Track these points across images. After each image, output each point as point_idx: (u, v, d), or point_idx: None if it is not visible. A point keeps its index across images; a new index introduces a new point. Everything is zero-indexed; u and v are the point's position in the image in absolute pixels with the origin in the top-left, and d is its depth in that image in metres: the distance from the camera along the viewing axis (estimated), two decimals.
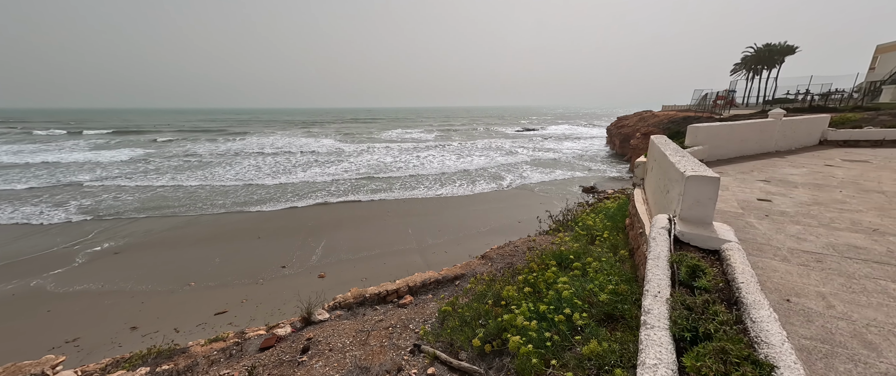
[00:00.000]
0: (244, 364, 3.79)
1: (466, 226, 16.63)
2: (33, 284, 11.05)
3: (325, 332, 4.31)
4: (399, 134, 67.39)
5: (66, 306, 9.94)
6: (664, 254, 2.88)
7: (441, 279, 5.84)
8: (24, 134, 62.67)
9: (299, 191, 23.93)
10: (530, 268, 4.58)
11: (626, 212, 6.72)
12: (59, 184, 25.50)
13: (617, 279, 3.90)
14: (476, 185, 24.91)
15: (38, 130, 67.68)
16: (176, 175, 28.67)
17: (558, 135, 64.01)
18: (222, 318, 9.39)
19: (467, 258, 11.21)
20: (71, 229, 16.73)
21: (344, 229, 16.15)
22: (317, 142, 53.64)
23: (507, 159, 35.47)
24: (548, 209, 9.34)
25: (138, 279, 11.42)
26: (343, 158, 36.30)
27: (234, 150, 43.50)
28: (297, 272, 12.06)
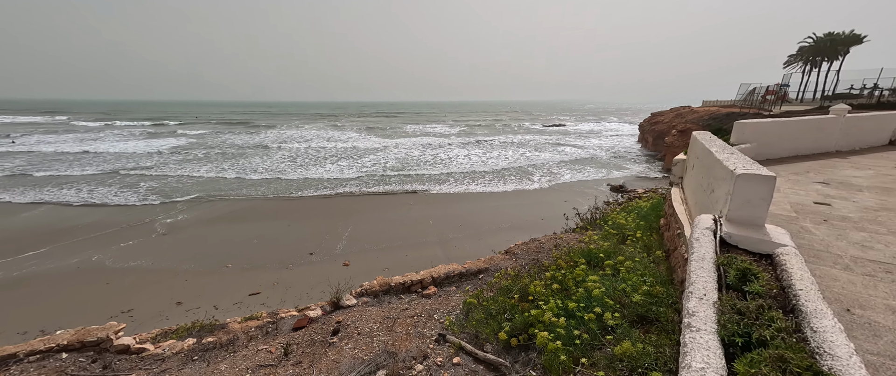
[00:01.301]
0: (280, 341, 4.02)
1: (487, 221, 16.54)
2: (94, 259, 12.26)
3: (354, 317, 4.46)
4: (421, 128, 67.76)
5: (121, 280, 10.96)
6: (709, 256, 2.71)
7: (464, 272, 5.86)
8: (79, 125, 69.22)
9: (327, 182, 24.77)
10: (558, 266, 4.48)
11: (660, 212, 6.39)
12: (113, 171, 27.99)
13: (652, 280, 3.73)
14: (498, 181, 24.66)
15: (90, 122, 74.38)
16: (216, 164, 30.58)
17: (585, 131, 61.78)
18: (256, 299, 9.98)
19: (488, 253, 11.16)
20: (124, 212, 18.34)
21: (368, 220, 16.58)
22: (343, 134, 55.15)
23: (531, 155, 34.75)
24: (574, 207, 9.07)
25: (182, 259, 12.35)
26: (368, 151, 37.06)
27: (267, 141, 45.67)
28: (323, 259, 12.55)
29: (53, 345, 3.95)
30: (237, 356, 3.81)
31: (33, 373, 3.53)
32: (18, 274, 11.22)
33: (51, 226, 15.58)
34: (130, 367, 3.73)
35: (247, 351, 3.92)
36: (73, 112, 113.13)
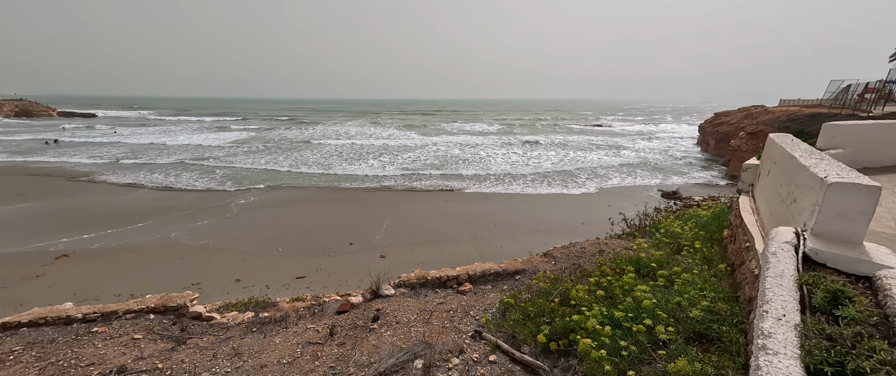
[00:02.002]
0: (325, 322, 4.31)
1: (523, 222, 16.19)
2: (172, 236, 14.07)
3: (392, 306, 4.64)
4: (460, 126, 67.85)
5: (192, 256, 12.46)
6: (789, 274, 2.39)
7: (501, 271, 5.79)
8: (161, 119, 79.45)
9: (368, 177, 25.88)
10: (602, 272, 4.25)
11: (723, 222, 5.76)
12: (192, 159, 31.81)
13: (713, 296, 3.39)
14: (539, 182, 23.94)
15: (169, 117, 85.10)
16: (273, 156, 33.45)
17: (635, 132, 57.49)
18: (301, 282, 10.78)
19: (524, 254, 10.91)
20: (194, 197, 20.75)
21: (404, 215, 17.07)
22: (384, 131, 57.19)
23: (574, 156, 33.21)
24: (621, 212, 8.52)
25: (242, 241, 13.71)
26: (407, 148, 38.01)
27: (314, 137, 48.88)
28: (361, 249, 13.18)
29: (143, 307, 4.64)
30: (288, 332, 4.16)
31: (129, 329, 4.18)
32: (115, 245, 13.25)
33: (142, 206, 18.18)
34: (202, 332, 4.25)
35: (297, 328, 4.26)
36: (155, 108, 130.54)
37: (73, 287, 10.11)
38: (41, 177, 23.85)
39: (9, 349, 3.77)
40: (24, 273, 10.89)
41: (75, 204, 18.48)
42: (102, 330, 4.16)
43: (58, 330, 4.18)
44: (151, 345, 3.86)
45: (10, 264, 11.47)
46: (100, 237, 13.90)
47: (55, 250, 12.59)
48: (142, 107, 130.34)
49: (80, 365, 3.48)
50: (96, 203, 18.77)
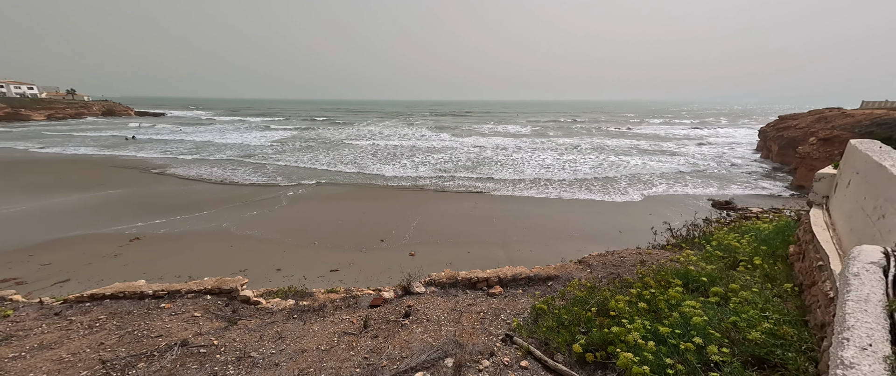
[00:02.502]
0: (359, 314, 4.49)
1: (555, 227, 15.68)
2: (224, 225, 15.39)
3: (423, 304, 4.72)
4: (492, 128, 67.22)
5: (240, 244, 13.54)
6: (876, 298, 2.10)
7: (532, 276, 5.65)
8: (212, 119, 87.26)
9: (401, 176, 26.50)
10: (644, 283, 3.99)
11: (789, 236, 5.17)
12: (244, 156, 34.65)
13: (777, 317, 3.05)
14: (574, 187, 23.04)
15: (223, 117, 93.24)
16: (314, 154, 35.47)
17: (682, 136, 53.32)
18: (335, 275, 11.29)
19: (555, 259, 10.56)
20: (243, 191, 22.49)
21: (434, 214, 17.25)
22: (417, 132, 58.26)
23: (614, 160, 31.51)
24: (666, 221, 7.94)
25: (283, 233, 14.66)
26: (440, 150, 38.38)
27: (351, 136, 51.04)
28: (392, 247, 13.52)
29: (202, 288, 5.15)
30: (326, 321, 4.39)
31: (190, 307, 4.66)
32: (178, 231, 14.77)
33: (201, 196, 20.13)
34: (250, 314, 4.62)
35: (333, 318, 4.48)
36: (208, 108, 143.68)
37: (143, 266, 11.44)
38: (123, 169, 27.31)
39: (95, 317, 4.37)
40: (105, 252, 12.51)
41: (149, 193, 20.89)
42: (168, 306, 4.68)
43: (133, 304, 4.77)
44: (208, 323, 4.28)
45: (95, 243, 13.24)
46: (166, 223, 15.57)
47: (129, 233, 14.31)
48: (197, 108, 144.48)
49: (151, 335, 3.94)
50: (166, 193, 21.07)
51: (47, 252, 12.42)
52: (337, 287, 7.38)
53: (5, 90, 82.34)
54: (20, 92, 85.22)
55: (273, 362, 3.44)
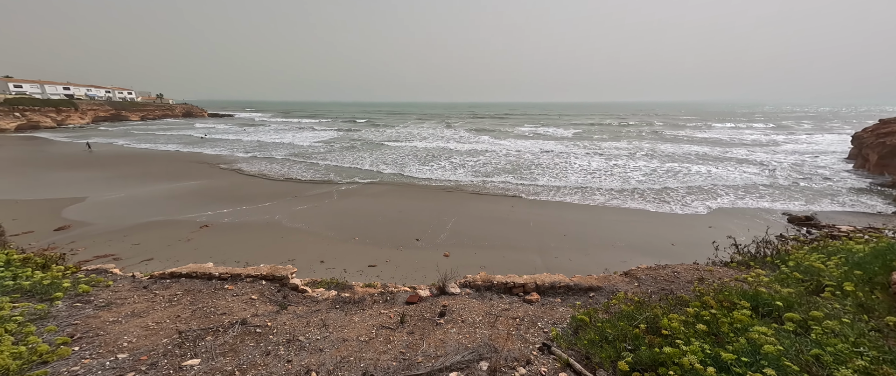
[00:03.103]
0: (396, 310, 4.63)
1: (596, 236, 14.82)
2: (276, 218, 16.77)
3: (457, 304, 4.73)
4: (532, 130, 65.44)
5: (288, 236, 14.66)
6: None
7: (572, 286, 5.39)
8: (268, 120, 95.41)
9: (438, 178, 26.87)
10: (704, 303, 3.60)
11: (892, 261, 4.35)
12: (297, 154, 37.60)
13: (874, 354, 2.58)
14: (624, 195, 21.55)
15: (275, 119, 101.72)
16: (358, 154, 37.38)
17: (750, 141, 47.40)
18: (372, 270, 11.75)
19: (597, 269, 9.98)
20: (295, 187, 24.30)
21: (470, 216, 17.22)
22: (455, 133, 58.70)
23: (668, 168, 28.98)
24: (729, 235, 7.10)
25: (326, 227, 15.60)
26: (479, 152, 38.20)
27: (391, 138, 52.89)
28: (427, 246, 13.73)
29: (258, 274, 5.68)
30: (365, 313, 4.59)
31: (248, 289, 5.16)
32: (239, 220, 16.40)
33: (260, 190, 22.19)
34: (298, 301, 5.00)
35: (372, 311, 4.67)
36: (262, 110, 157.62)
37: (210, 251, 12.87)
38: (198, 164, 31.07)
39: (174, 292, 5.01)
40: (180, 236, 14.29)
41: (217, 185, 23.51)
42: (231, 288, 5.23)
43: (203, 283, 5.40)
44: (263, 306, 4.70)
45: (172, 228, 15.19)
46: (230, 213, 17.39)
47: (200, 221, 16.18)
48: (252, 110, 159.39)
49: (217, 312, 4.43)
50: (230, 185, 23.55)
51: (137, 233, 14.51)
52: (374, 282, 7.68)
53: (111, 95, 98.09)
54: (122, 96, 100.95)
55: (318, 347, 3.68)
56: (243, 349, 3.60)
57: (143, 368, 3.19)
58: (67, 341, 3.49)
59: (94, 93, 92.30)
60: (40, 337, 3.38)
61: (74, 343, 3.52)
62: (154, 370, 3.17)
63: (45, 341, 3.32)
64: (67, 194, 20.48)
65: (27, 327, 3.46)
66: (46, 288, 4.54)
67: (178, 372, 3.16)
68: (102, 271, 5.88)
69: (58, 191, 21.37)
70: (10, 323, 3.33)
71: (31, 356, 3.01)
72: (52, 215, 16.63)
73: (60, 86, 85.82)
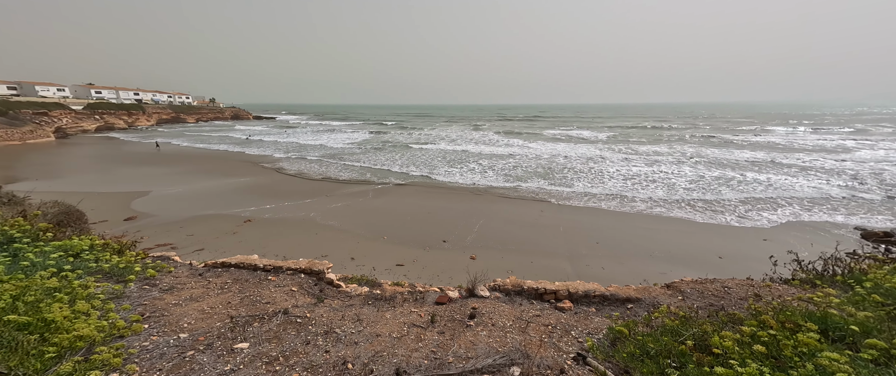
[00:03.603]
0: (426, 309, 4.70)
1: (632, 245, 14.05)
2: (311, 215, 17.66)
3: (487, 308, 4.70)
4: (564, 133, 63.44)
5: (322, 232, 15.36)
6: None
7: (607, 295, 5.15)
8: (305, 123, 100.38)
9: (467, 180, 26.88)
10: (761, 322, 3.29)
11: None
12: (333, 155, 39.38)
13: None
14: (669, 204, 20.19)
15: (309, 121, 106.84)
16: (389, 155, 38.48)
17: (813, 146, 42.52)
18: (400, 269, 11.98)
19: (632, 280, 9.44)
20: (331, 186, 25.39)
21: (498, 220, 17.03)
22: (484, 136, 58.46)
23: (718, 175, 26.79)
24: (790, 250, 6.42)
25: (356, 225, 16.16)
26: (508, 155, 37.76)
27: (421, 140, 53.78)
28: (453, 248, 13.77)
29: (298, 267, 6.03)
30: (396, 310, 4.71)
31: (289, 282, 5.50)
32: (278, 216, 17.45)
33: (298, 188, 23.50)
34: (333, 296, 5.23)
35: (402, 309, 4.78)
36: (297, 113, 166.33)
37: (252, 243, 13.82)
38: (244, 163, 33.58)
39: (224, 280, 5.46)
40: (227, 229, 15.48)
41: (260, 182, 25.24)
42: (274, 279, 5.59)
43: (249, 273, 5.82)
44: (303, 298, 4.98)
45: (220, 222, 16.49)
46: (270, 209, 18.58)
47: (244, 215, 17.43)
48: (288, 112, 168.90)
49: (262, 301, 4.76)
50: (272, 183, 25.18)
51: (191, 225, 15.93)
52: (402, 281, 7.83)
53: (172, 99, 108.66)
54: (181, 101, 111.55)
55: (353, 341, 3.83)
56: (286, 336, 3.84)
57: (201, 347, 3.51)
58: (139, 319, 3.93)
59: (158, 97, 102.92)
60: (118, 314, 3.84)
61: (144, 321, 3.95)
62: (210, 350, 3.48)
63: (121, 318, 3.77)
64: (135, 188, 22.99)
65: (108, 304, 3.95)
66: (121, 271, 5.13)
67: (231, 353, 3.44)
68: (165, 258, 6.53)
69: (128, 185, 24.06)
70: (96, 300, 3.81)
71: (112, 330, 3.43)
72: (123, 206, 18.75)
73: (131, 91, 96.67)
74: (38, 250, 5.07)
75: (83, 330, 3.12)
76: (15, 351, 2.84)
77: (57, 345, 2.98)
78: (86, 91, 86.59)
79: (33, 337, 3.04)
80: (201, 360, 3.31)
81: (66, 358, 2.90)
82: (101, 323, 3.41)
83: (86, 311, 3.55)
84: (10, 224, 5.83)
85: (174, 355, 3.36)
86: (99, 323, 3.39)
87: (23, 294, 3.62)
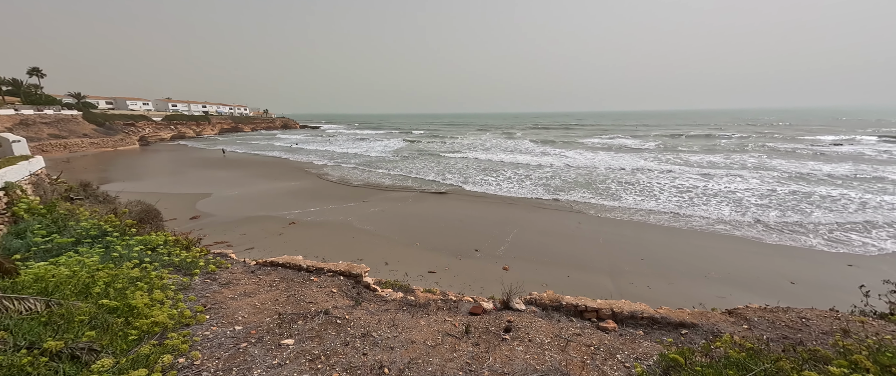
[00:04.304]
0: (460, 319, 4.67)
1: (683, 263, 12.84)
2: (349, 219, 18.46)
3: (523, 322, 4.55)
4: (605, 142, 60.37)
5: (358, 237, 15.94)
6: None
7: (657, 318, 4.73)
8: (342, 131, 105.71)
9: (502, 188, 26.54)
10: (853, 362, 2.81)
11: None
12: (361, 166, 41.16)
13: None
14: (736, 223, 17.89)
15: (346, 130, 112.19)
16: (424, 162, 39.33)
17: None
18: (432, 277, 12.02)
19: (684, 302, 8.60)
20: (366, 192, 26.42)
21: (532, 230, 16.52)
22: (520, 145, 57.55)
23: (793, 191, 23.65)
24: (886, 280, 5.44)
25: (390, 230, 16.57)
26: (545, 165, 36.70)
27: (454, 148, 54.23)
28: (485, 258, 13.55)
29: (338, 270, 6.32)
30: (430, 318, 4.73)
31: (329, 283, 5.78)
32: (320, 220, 18.47)
33: (339, 193, 24.79)
34: (370, 299, 5.40)
35: (436, 317, 4.79)
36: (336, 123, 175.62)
37: (296, 245, 14.74)
38: (290, 168, 36.24)
39: (273, 278, 5.89)
40: (274, 230, 16.68)
41: (304, 187, 26.99)
42: (316, 280, 5.92)
43: (294, 273, 6.22)
44: (342, 300, 5.20)
45: (269, 223, 17.82)
46: (312, 213, 19.74)
47: (289, 218, 18.68)
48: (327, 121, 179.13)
49: (305, 300, 5.05)
50: (314, 188, 26.80)
51: (243, 225, 17.40)
52: (433, 288, 7.85)
53: (232, 111, 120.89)
54: (240, 112, 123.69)
55: (389, 346, 3.91)
56: (327, 336, 4.03)
57: (253, 340, 3.79)
58: (202, 310, 4.36)
59: (221, 109, 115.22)
60: (185, 304, 4.29)
61: (205, 311, 4.37)
62: (260, 344, 3.75)
63: (188, 307, 4.20)
64: (200, 190, 25.72)
65: (178, 295, 4.43)
66: (188, 265, 5.74)
67: (278, 348, 3.68)
68: (223, 255, 7.21)
69: (194, 187, 27.00)
70: (168, 290, 4.31)
71: (180, 318, 3.84)
72: (190, 206, 21.02)
73: (200, 104, 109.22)
74: (124, 243, 5.85)
75: (159, 317, 3.53)
76: (106, 332, 3.28)
77: (138, 329, 3.40)
78: (164, 104, 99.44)
79: (120, 320, 3.49)
80: (253, 353, 3.57)
81: (144, 341, 3.29)
82: (172, 311, 3.84)
83: (160, 300, 4.02)
84: (104, 220, 6.81)
85: (230, 346, 3.67)
86: (170, 311, 3.82)
87: (113, 281, 4.20)
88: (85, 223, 6.33)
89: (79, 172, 31.84)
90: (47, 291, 3.76)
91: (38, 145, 44.05)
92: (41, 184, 11.23)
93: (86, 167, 37.52)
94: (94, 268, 4.33)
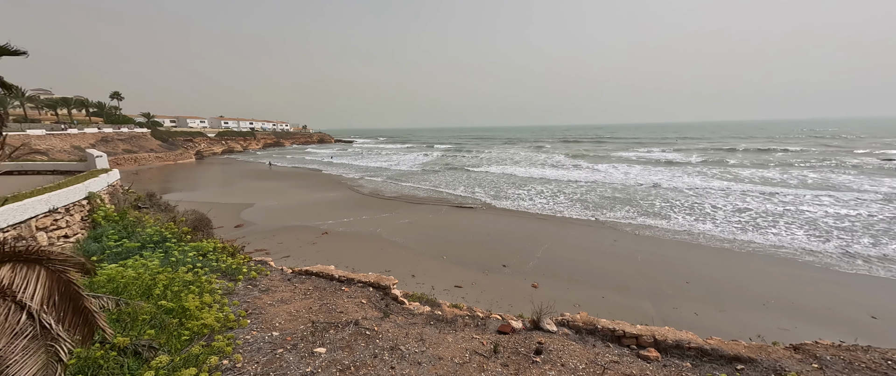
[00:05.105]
0: (488, 337, 4.56)
1: (737, 288, 11.65)
2: (378, 231, 18.91)
3: (555, 344, 4.35)
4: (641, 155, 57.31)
5: (386, 248, 16.23)
6: None
7: (707, 349, 4.30)
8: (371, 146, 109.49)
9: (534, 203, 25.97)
10: None
11: None
12: (393, 178, 42.30)
13: None
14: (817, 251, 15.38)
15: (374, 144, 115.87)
16: (453, 176, 39.69)
17: None
18: (458, 291, 11.86)
19: (739, 333, 7.74)
20: (395, 204, 26.99)
21: (563, 246, 15.88)
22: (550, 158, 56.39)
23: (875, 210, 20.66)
24: None
25: (417, 243, 16.70)
26: (577, 180, 35.50)
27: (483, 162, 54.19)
28: (514, 274, 13.17)
29: (367, 281, 6.49)
30: (458, 335, 4.67)
31: (359, 294, 5.94)
32: (350, 231, 19.11)
33: (370, 205, 25.64)
34: (398, 312, 5.46)
35: (463, 333, 4.72)
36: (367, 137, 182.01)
37: (328, 254, 15.30)
38: (326, 181, 38.16)
39: (307, 287, 6.16)
40: (308, 240, 17.48)
41: (337, 198, 28.22)
42: (347, 290, 6.11)
43: (326, 282, 6.47)
44: (371, 311, 5.32)
45: (304, 232, 18.73)
46: (344, 224, 20.49)
47: (322, 228, 19.51)
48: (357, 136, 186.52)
49: (336, 310, 5.22)
50: (346, 199, 27.87)
51: (281, 234, 18.43)
52: (460, 303, 7.74)
53: (275, 127, 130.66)
54: (281, 128, 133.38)
55: (416, 361, 3.91)
56: (356, 347, 4.12)
57: (288, 347, 3.98)
58: (244, 314, 4.66)
59: (265, 126, 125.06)
60: (230, 308, 4.62)
61: (246, 316, 4.66)
62: (295, 351, 3.92)
63: (232, 312, 4.52)
64: (244, 200, 27.76)
65: (223, 299, 4.79)
66: (233, 271, 6.19)
67: (311, 356, 3.82)
68: (263, 263, 7.69)
69: (239, 197, 29.20)
70: (216, 294, 4.67)
71: (226, 322, 4.14)
72: (235, 215, 22.71)
73: (247, 121, 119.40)
74: (180, 249, 6.45)
75: (207, 320, 3.83)
76: (163, 331, 3.61)
77: (189, 330, 3.70)
78: (217, 122, 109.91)
79: (175, 320, 3.83)
80: (288, 359, 3.73)
81: (194, 342, 3.57)
82: (219, 315, 4.14)
83: (209, 303, 4.36)
84: (165, 227, 7.57)
85: (268, 351, 3.87)
86: (217, 314, 4.13)
87: (170, 284, 4.63)
88: (149, 229, 7.13)
89: (145, 183, 35.80)
90: (117, 291, 4.24)
91: (114, 159, 50.38)
92: (116, 194, 12.79)
93: (151, 178, 42.11)
94: (155, 271, 4.83)
